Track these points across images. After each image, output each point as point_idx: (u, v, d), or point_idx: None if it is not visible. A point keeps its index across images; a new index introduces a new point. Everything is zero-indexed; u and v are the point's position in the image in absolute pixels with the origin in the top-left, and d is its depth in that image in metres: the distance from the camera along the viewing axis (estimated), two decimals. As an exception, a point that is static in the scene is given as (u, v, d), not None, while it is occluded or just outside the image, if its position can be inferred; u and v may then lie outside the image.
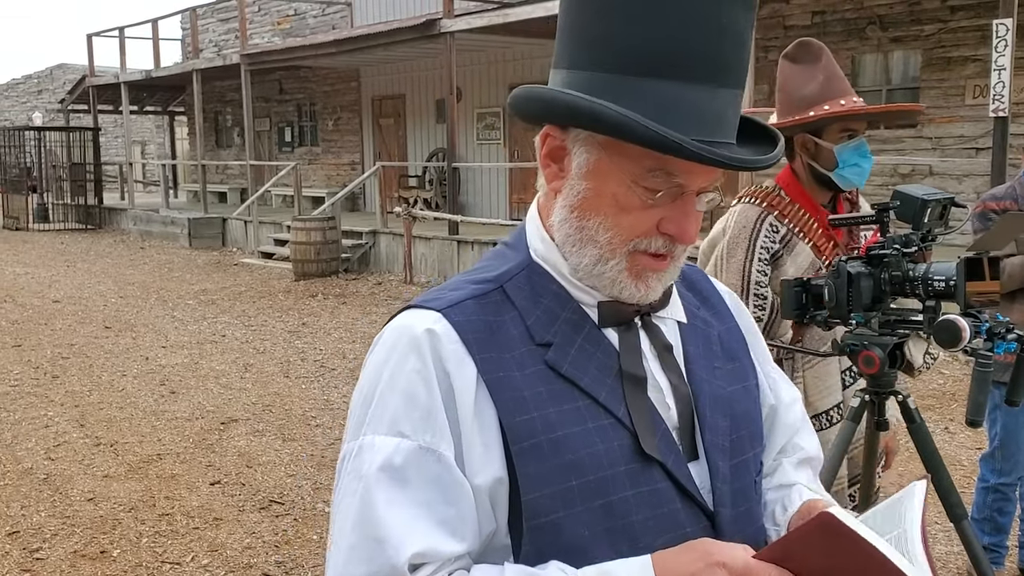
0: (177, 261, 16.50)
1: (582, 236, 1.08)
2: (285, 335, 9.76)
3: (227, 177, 23.95)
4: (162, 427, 6.50)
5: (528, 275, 1.12)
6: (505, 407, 1.02)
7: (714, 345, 1.19)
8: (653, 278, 1.09)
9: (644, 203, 1.04)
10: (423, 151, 17.97)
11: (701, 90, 1.00)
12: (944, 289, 1.86)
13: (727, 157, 1.00)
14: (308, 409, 6.89)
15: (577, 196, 1.07)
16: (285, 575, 4.21)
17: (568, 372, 1.06)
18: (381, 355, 1.07)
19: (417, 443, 1.01)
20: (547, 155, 1.10)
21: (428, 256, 13.63)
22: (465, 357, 1.04)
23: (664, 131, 0.97)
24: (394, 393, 1.04)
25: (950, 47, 10.60)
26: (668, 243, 1.07)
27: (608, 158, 1.05)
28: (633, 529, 1.03)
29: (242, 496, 5.19)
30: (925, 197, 2.01)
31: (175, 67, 22.09)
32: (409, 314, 1.09)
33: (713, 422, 1.12)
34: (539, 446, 1.01)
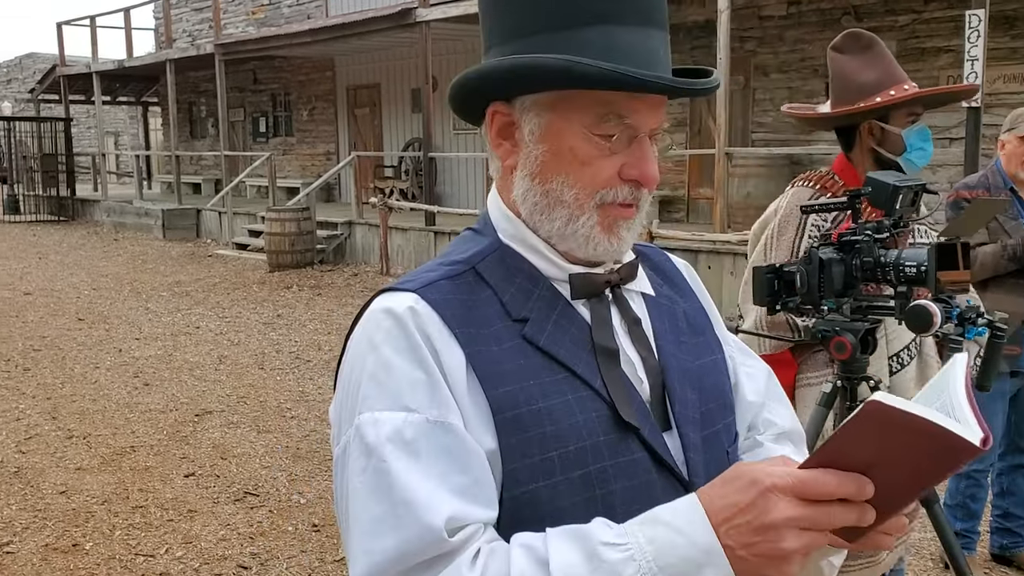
0: (151, 253, 16.36)
1: (549, 200, 1.09)
2: (260, 327, 9.70)
3: (201, 168, 23.75)
4: (136, 419, 6.45)
5: (499, 256, 1.13)
6: (487, 380, 1.02)
7: (680, 321, 1.21)
8: (623, 228, 1.11)
9: (602, 151, 1.06)
10: (399, 141, 17.89)
11: (633, 31, 1.05)
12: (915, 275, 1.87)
13: (672, 80, 1.04)
14: (283, 401, 6.86)
15: (536, 162, 1.09)
16: (260, 567, 4.19)
17: (546, 346, 1.06)
18: (365, 338, 1.06)
19: (425, 416, 0.99)
20: (497, 134, 1.12)
21: (404, 247, 13.58)
22: (448, 333, 1.03)
23: (611, 66, 1.00)
24: (390, 372, 1.01)
25: (924, 37, 10.66)
26: (633, 190, 1.09)
27: (559, 116, 1.07)
28: (612, 499, 1.03)
29: (216, 488, 5.15)
30: (897, 183, 2.02)
31: (148, 57, 21.84)
32: (385, 297, 1.08)
33: (683, 395, 1.13)
34: (520, 417, 1.01)
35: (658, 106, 1.08)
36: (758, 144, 12.35)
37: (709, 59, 11.62)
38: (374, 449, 0.98)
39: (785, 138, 12.13)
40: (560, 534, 0.94)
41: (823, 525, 0.86)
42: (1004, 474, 4.02)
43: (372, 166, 17.73)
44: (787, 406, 1.30)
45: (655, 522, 0.91)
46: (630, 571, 0.88)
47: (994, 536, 4.10)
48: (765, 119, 12.60)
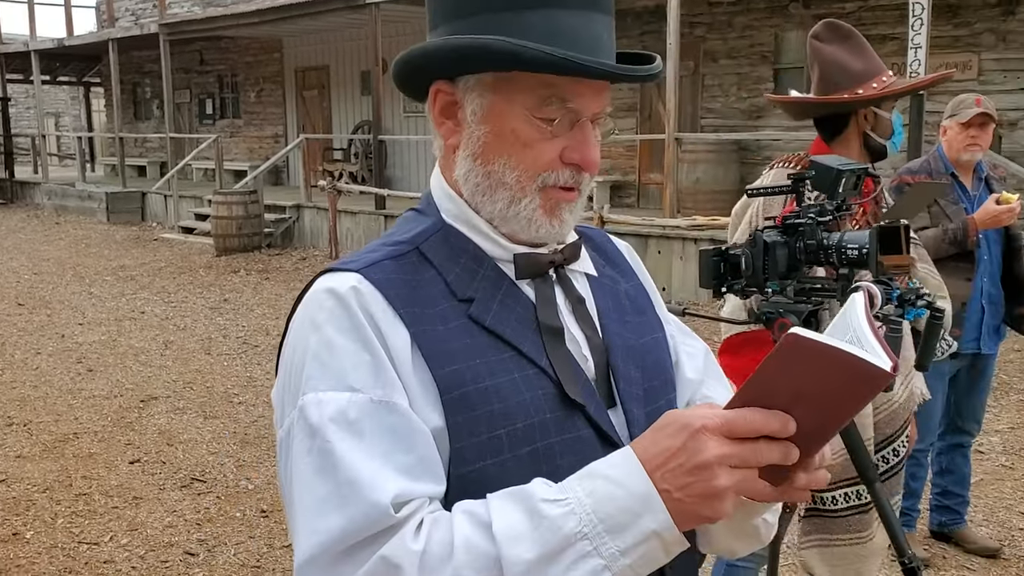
0: (94, 236, 16.03)
1: (491, 182, 1.09)
2: (206, 311, 9.57)
3: (146, 150, 23.28)
4: (79, 406, 6.33)
5: (443, 236, 1.13)
6: (434, 359, 1.02)
7: (622, 300, 1.22)
8: (565, 210, 1.11)
9: (543, 134, 1.07)
10: (348, 124, 17.71)
11: (576, 15, 1.05)
12: (857, 257, 1.89)
13: (614, 67, 1.05)
14: (231, 386, 6.78)
15: (478, 143, 1.09)
16: (208, 553, 4.14)
17: (491, 325, 1.07)
18: (307, 319, 1.05)
19: (369, 396, 0.98)
20: (440, 113, 1.12)
21: (354, 231, 13.48)
22: (392, 313, 1.03)
23: (553, 50, 1.01)
24: (333, 352, 1.01)
25: (869, 25, 10.82)
26: (575, 174, 1.09)
27: (501, 97, 1.07)
28: (559, 475, 1.03)
29: (163, 474, 5.08)
30: (840, 167, 2.04)
31: (89, 36, 21.34)
32: (328, 277, 1.07)
33: (627, 372, 1.14)
34: (468, 396, 1.01)
35: (601, 91, 1.09)
36: (707, 130, 12.45)
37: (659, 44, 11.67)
38: (318, 430, 0.98)
39: (734, 124, 12.25)
40: (501, 496, 0.95)
41: (752, 462, 0.89)
42: (943, 454, 4.12)
43: (321, 149, 17.55)
44: (724, 384, 1.32)
45: (593, 476, 0.93)
46: (571, 524, 0.90)
47: (933, 514, 4.20)
48: (714, 105, 12.70)
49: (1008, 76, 10.11)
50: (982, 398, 4.07)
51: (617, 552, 0.89)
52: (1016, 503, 4.59)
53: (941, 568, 3.93)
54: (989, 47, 10.21)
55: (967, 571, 3.91)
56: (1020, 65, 10.05)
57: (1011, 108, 9.88)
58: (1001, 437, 5.51)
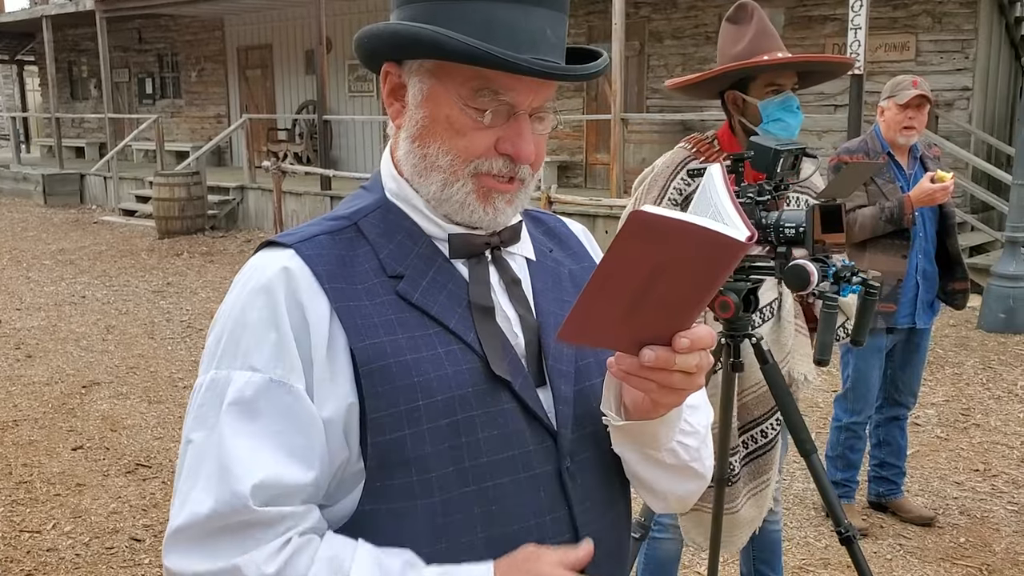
0: (31, 220, 15.65)
1: (426, 164, 1.12)
2: (149, 295, 9.42)
3: (84, 131, 22.73)
4: (18, 392, 6.20)
5: (383, 213, 1.16)
6: (355, 332, 1.06)
7: (563, 281, 1.24)
8: (500, 200, 1.13)
9: (476, 123, 1.09)
10: (292, 104, 17.48)
11: (516, 9, 1.06)
12: (794, 236, 1.94)
13: (545, 66, 1.05)
14: (175, 371, 6.69)
15: (416, 125, 1.13)
16: (154, 539, 4.11)
17: (418, 301, 1.10)
18: (235, 293, 1.11)
19: (268, 376, 1.04)
20: (389, 93, 1.16)
21: (300, 212, 13.34)
22: (317, 289, 1.07)
23: (474, 43, 1.02)
24: (245, 329, 1.07)
25: (811, 6, 10.96)
26: (508, 164, 1.11)
27: (439, 83, 1.10)
28: (479, 446, 1.08)
29: (106, 461, 5.01)
30: (778, 147, 2.08)
31: (21, 12, 20.73)
32: (264, 253, 1.12)
33: (557, 350, 1.17)
34: (387, 368, 1.05)
35: (538, 86, 1.09)
36: (653, 110, 12.53)
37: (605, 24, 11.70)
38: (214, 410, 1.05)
39: (679, 104, 12.33)
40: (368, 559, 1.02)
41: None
42: (880, 426, 4.23)
43: (265, 129, 17.30)
44: None
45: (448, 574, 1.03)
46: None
47: (871, 485, 4.31)
48: (660, 85, 12.77)
49: (944, 57, 10.32)
50: (918, 372, 4.18)
51: None
52: (950, 473, 4.73)
53: (878, 537, 4.05)
54: (926, 28, 10.41)
55: (903, 539, 4.03)
56: (956, 46, 10.26)
57: (947, 89, 10.10)
58: (936, 410, 5.67)
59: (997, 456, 4.94)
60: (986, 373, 6.41)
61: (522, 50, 1.05)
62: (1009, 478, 4.65)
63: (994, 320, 7.51)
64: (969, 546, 3.96)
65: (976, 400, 5.85)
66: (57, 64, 19.96)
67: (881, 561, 3.84)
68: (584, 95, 13.47)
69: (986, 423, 5.44)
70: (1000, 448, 5.06)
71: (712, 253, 0.90)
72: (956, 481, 4.64)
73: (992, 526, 4.13)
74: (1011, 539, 4.01)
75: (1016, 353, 6.90)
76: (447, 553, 1.06)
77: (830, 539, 4.01)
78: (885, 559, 3.86)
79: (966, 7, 10.14)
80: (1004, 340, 7.25)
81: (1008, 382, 6.20)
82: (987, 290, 7.67)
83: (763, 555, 3.01)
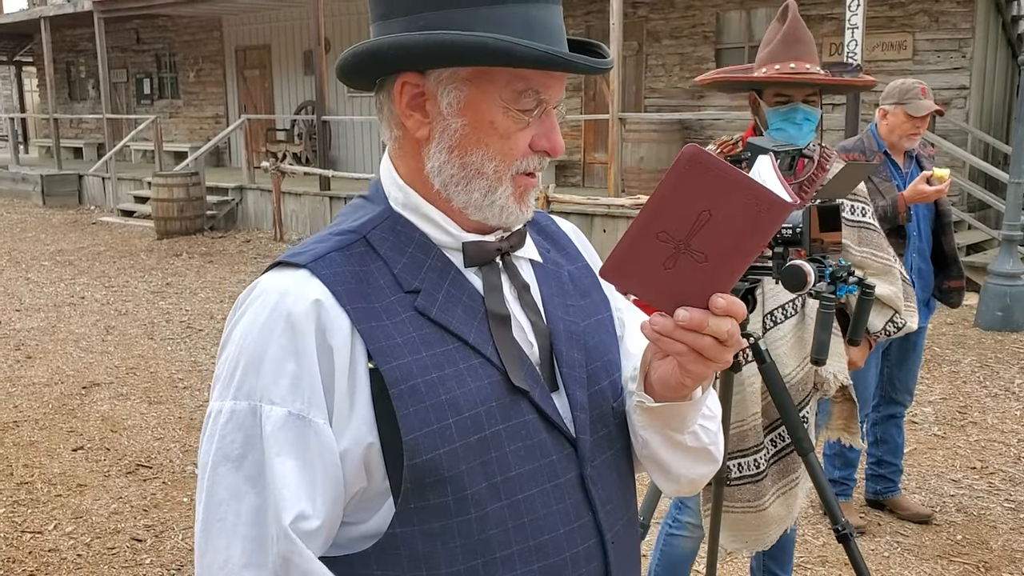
0: (30, 220, 15.66)
1: (467, 173, 1.11)
2: (148, 296, 9.44)
3: (82, 132, 22.73)
4: (18, 393, 6.22)
5: (391, 225, 1.14)
6: (380, 354, 1.04)
7: (566, 284, 1.24)
8: (531, 195, 1.15)
9: (520, 125, 1.10)
10: (291, 104, 17.49)
11: (543, 8, 1.08)
12: (791, 236, 1.95)
13: (596, 61, 1.08)
14: (175, 371, 6.71)
15: (455, 135, 1.10)
16: (155, 539, 4.12)
17: (437, 316, 1.09)
18: (249, 318, 1.07)
19: (287, 410, 1.02)
20: (407, 105, 1.11)
21: (299, 212, 13.35)
22: (338, 310, 1.05)
23: (547, 48, 1.03)
24: (263, 360, 1.04)
25: (809, 5, 10.97)
26: (541, 160, 1.13)
27: (478, 90, 1.08)
28: (507, 460, 1.08)
29: (107, 461, 5.03)
30: (775, 148, 2.10)
31: (20, 14, 20.71)
32: (276, 274, 1.09)
33: (569, 356, 1.17)
34: (416, 388, 1.04)
35: (564, 80, 1.13)
36: (651, 109, 12.55)
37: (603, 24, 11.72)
38: (236, 439, 1.04)
39: (677, 103, 12.35)
40: None
41: None
42: (877, 424, 4.25)
43: (263, 130, 17.31)
44: None
45: None
46: None
47: (869, 483, 4.33)
48: (657, 84, 12.79)
49: (941, 56, 10.34)
50: (914, 370, 4.20)
51: None
52: (947, 471, 4.76)
53: (876, 535, 4.07)
54: (923, 27, 10.43)
55: (901, 537, 4.05)
56: (952, 45, 10.29)
57: (944, 88, 10.12)
58: (933, 408, 5.70)
59: (994, 454, 4.96)
60: (983, 371, 6.43)
61: (559, 46, 1.07)
62: (1006, 476, 4.67)
63: (991, 318, 7.54)
64: (966, 543, 3.98)
65: (973, 398, 5.87)
66: (55, 65, 19.98)
67: (878, 559, 3.86)
68: (582, 94, 13.49)
69: (983, 421, 5.46)
70: (997, 446, 5.08)
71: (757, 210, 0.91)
72: (953, 479, 4.66)
73: (989, 523, 4.16)
74: (1008, 536, 4.03)
75: (1013, 351, 6.92)
76: (484, 569, 1.06)
77: (827, 537, 4.03)
78: (882, 557, 3.88)
79: (963, 6, 10.17)
80: (1001, 338, 7.27)
81: (1005, 380, 6.22)
82: (984, 288, 7.69)
83: (773, 552, 3.00)
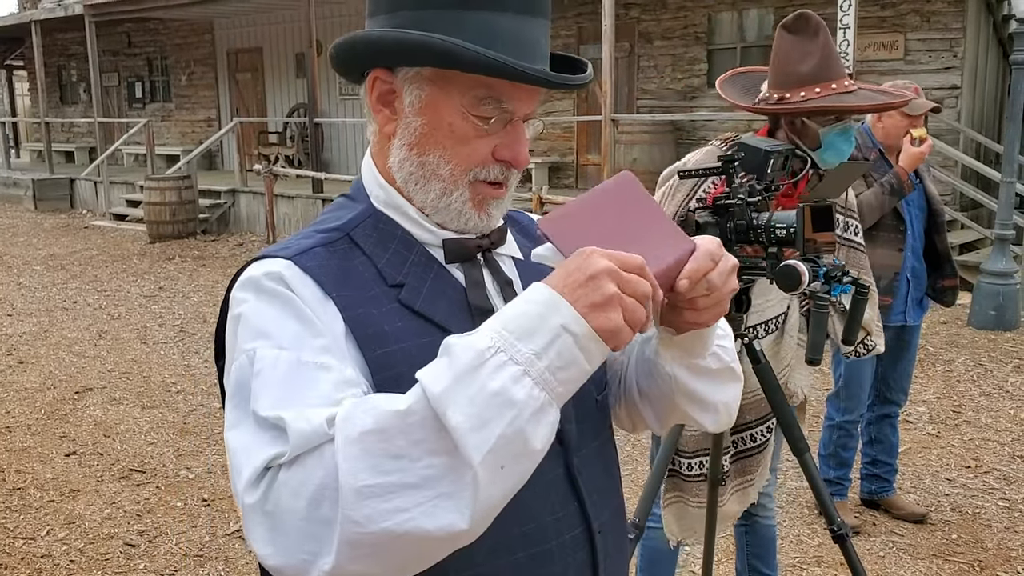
0: (22, 225, 15.60)
1: (424, 172, 1.12)
2: (141, 300, 9.41)
3: (74, 135, 22.67)
4: (10, 399, 6.19)
5: (374, 222, 1.15)
6: (366, 341, 1.05)
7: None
8: (493, 206, 1.15)
9: (479, 131, 1.10)
10: (283, 107, 17.46)
11: (516, 19, 1.08)
12: (785, 236, 1.95)
13: (554, 76, 1.08)
14: (168, 375, 6.68)
15: (414, 133, 1.12)
16: (148, 544, 4.10)
17: (422, 308, 1.10)
18: (240, 300, 1.06)
19: (297, 355, 0.99)
20: (377, 100, 1.14)
21: (291, 215, 13.33)
22: (324, 296, 1.05)
23: (492, 54, 1.03)
24: (263, 319, 1.02)
25: (800, 6, 10.92)
26: (504, 170, 1.13)
27: (440, 91, 1.10)
28: None
29: (100, 466, 5.01)
30: (768, 149, 2.10)
31: (11, 17, 20.65)
32: (259, 264, 1.09)
33: None
34: (401, 376, 1.03)
35: (535, 94, 1.12)
36: (643, 111, 12.55)
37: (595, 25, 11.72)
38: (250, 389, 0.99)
39: (669, 105, 12.36)
40: None
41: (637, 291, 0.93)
42: (872, 424, 4.25)
43: (256, 132, 17.28)
44: None
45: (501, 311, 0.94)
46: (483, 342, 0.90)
47: (864, 483, 4.33)
48: (650, 86, 12.80)
49: (933, 56, 10.37)
50: (908, 369, 4.21)
51: (532, 355, 0.89)
52: (942, 470, 4.76)
53: (871, 534, 4.07)
54: (914, 27, 10.45)
55: (896, 536, 4.05)
56: (944, 45, 10.31)
57: (935, 87, 10.14)
58: (928, 407, 5.70)
59: (988, 453, 4.97)
60: (977, 370, 6.44)
61: (525, 59, 1.06)
62: (1000, 474, 4.68)
63: (984, 317, 7.55)
64: (961, 542, 3.98)
65: (967, 397, 5.88)
66: (46, 68, 19.91)
67: (874, 558, 3.86)
68: (575, 96, 13.49)
69: (977, 420, 5.47)
70: (991, 445, 5.08)
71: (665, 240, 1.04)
72: (948, 478, 4.66)
73: (984, 522, 4.16)
74: (1003, 535, 4.03)
75: (1006, 350, 6.93)
76: (469, 557, 1.04)
77: (823, 537, 4.03)
78: (878, 556, 3.88)
79: (954, 6, 10.20)
80: (994, 337, 7.28)
81: (999, 379, 6.24)
82: (977, 287, 7.70)
83: (758, 551, 3.03)
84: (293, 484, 0.91)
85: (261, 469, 0.93)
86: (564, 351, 0.90)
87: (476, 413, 0.87)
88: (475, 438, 0.87)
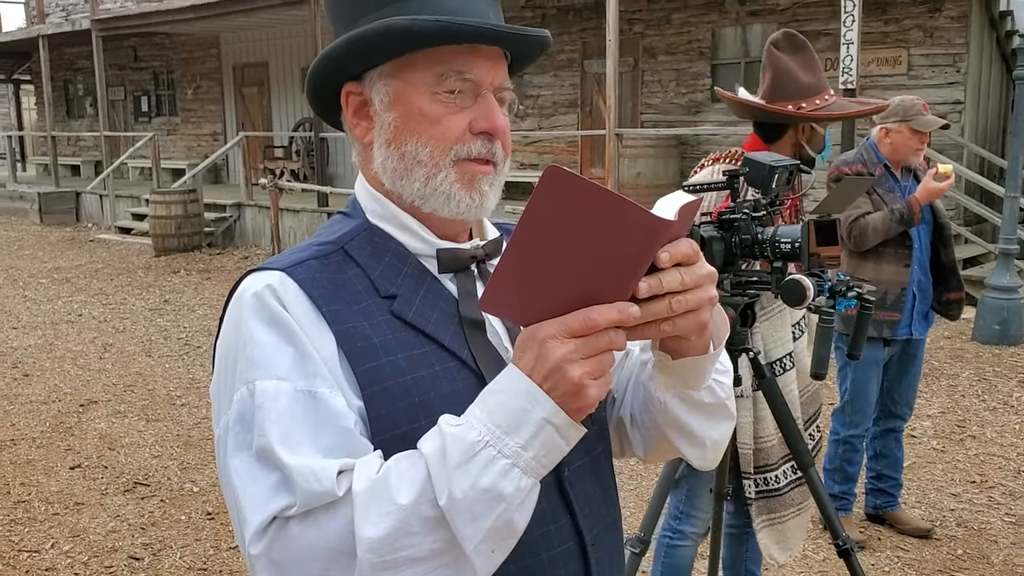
0: (27, 238, 15.65)
1: (406, 163, 1.14)
2: (146, 313, 9.43)
3: (80, 149, 22.75)
4: (15, 411, 6.20)
5: (369, 236, 1.17)
6: (355, 355, 1.05)
7: None
8: (484, 183, 1.15)
9: (449, 108, 1.12)
10: (289, 121, 17.52)
11: None
12: (790, 251, 1.96)
13: (503, 26, 1.11)
14: (172, 388, 6.69)
15: (389, 129, 1.14)
16: (152, 557, 4.10)
17: (414, 320, 1.11)
18: (234, 317, 1.08)
19: (293, 385, 1.02)
20: (354, 115, 1.17)
21: (297, 229, 13.36)
22: (315, 312, 1.06)
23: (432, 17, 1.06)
24: (257, 345, 1.04)
25: (804, 21, 11.03)
26: (486, 144, 1.13)
27: (402, 81, 1.12)
28: None
29: (105, 479, 5.01)
30: (773, 163, 2.11)
31: (19, 32, 20.79)
32: (253, 277, 1.11)
33: None
34: (389, 390, 1.05)
35: (496, 61, 1.14)
36: (647, 125, 12.58)
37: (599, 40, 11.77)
38: (254, 423, 1.01)
39: (673, 119, 12.39)
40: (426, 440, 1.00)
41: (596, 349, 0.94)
42: (877, 438, 4.25)
43: (261, 146, 17.33)
44: None
45: (484, 396, 0.99)
46: (472, 435, 0.95)
47: (868, 497, 4.32)
48: (654, 100, 12.84)
49: (936, 71, 10.39)
50: (913, 383, 4.20)
51: (519, 448, 0.95)
52: (947, 485, 4.75)
53: (876, 549, 4.05)
54: (917, 43, 10.48)
55: (901, 551, 4.04)
56: (947, 60, 10.33)
57: (939, 102, 10.16)
58: (932, 422, 5.69)
59: (993, 468, 4.96)
60: (981, 385, 6.43)
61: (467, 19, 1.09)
62: (1006, 490, 4.67)
63: (988, 332, 7.54)
64: (967, 558, 3.97)
65: (972, 412, 5.87)
66: (53, 83, 20.01)
67: (879, 573, 3.85)
68: (579, 110, 13.53)
69: (982, 435, 5.46)
70: (996, 460, 5.07)
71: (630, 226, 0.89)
72: (953, 493, 4.65)
73: (989, 538, 4.14)
74: (1009, 551, 4.02)
75: (1011, 364, 6.92)
76: None
77: (828, 552, 4.01)
78: (883, 571, 3.87)
79: (957, 21, 10.23)
80: (999, 352, 7.27)
81: (1003, 393, 6.22)
82: (981, 302, 7.70)
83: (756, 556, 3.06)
84: (307, 540, 0.97)
85: (268, 520, 0.98)
86: (548, 441, 0.96)
87: (467, 509, 0.94)
88: (467, 530, 0.95)
